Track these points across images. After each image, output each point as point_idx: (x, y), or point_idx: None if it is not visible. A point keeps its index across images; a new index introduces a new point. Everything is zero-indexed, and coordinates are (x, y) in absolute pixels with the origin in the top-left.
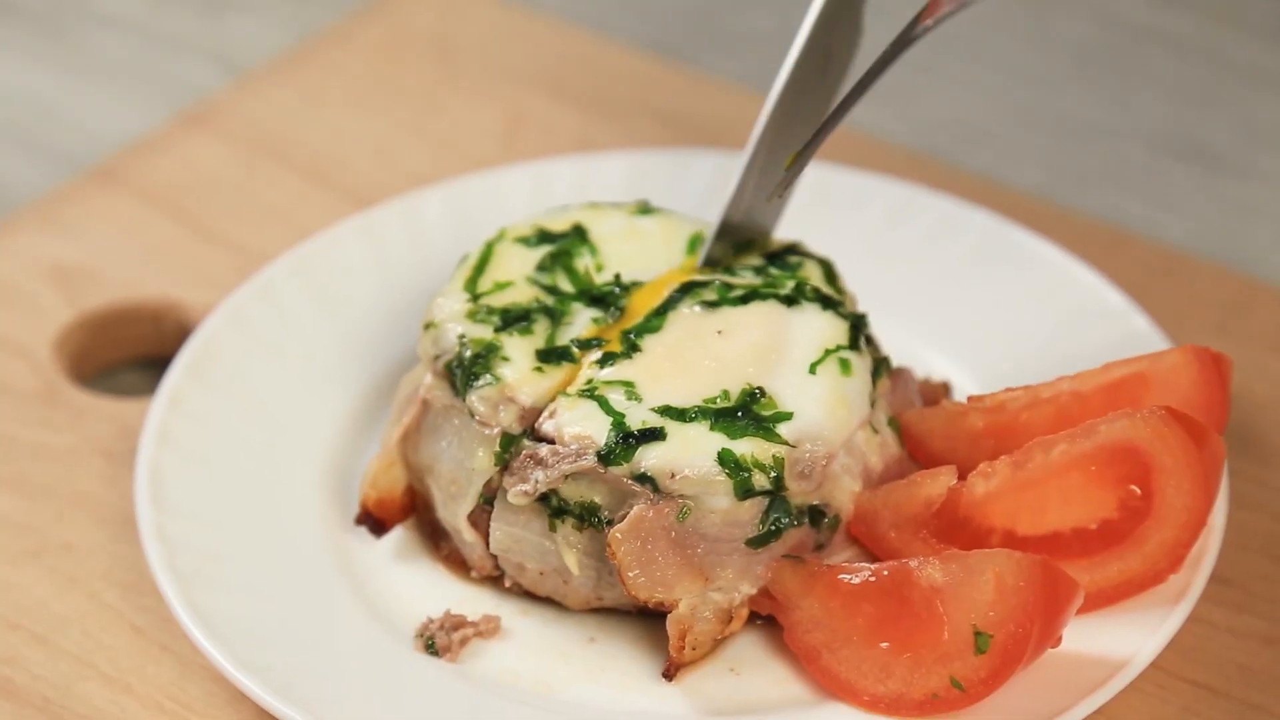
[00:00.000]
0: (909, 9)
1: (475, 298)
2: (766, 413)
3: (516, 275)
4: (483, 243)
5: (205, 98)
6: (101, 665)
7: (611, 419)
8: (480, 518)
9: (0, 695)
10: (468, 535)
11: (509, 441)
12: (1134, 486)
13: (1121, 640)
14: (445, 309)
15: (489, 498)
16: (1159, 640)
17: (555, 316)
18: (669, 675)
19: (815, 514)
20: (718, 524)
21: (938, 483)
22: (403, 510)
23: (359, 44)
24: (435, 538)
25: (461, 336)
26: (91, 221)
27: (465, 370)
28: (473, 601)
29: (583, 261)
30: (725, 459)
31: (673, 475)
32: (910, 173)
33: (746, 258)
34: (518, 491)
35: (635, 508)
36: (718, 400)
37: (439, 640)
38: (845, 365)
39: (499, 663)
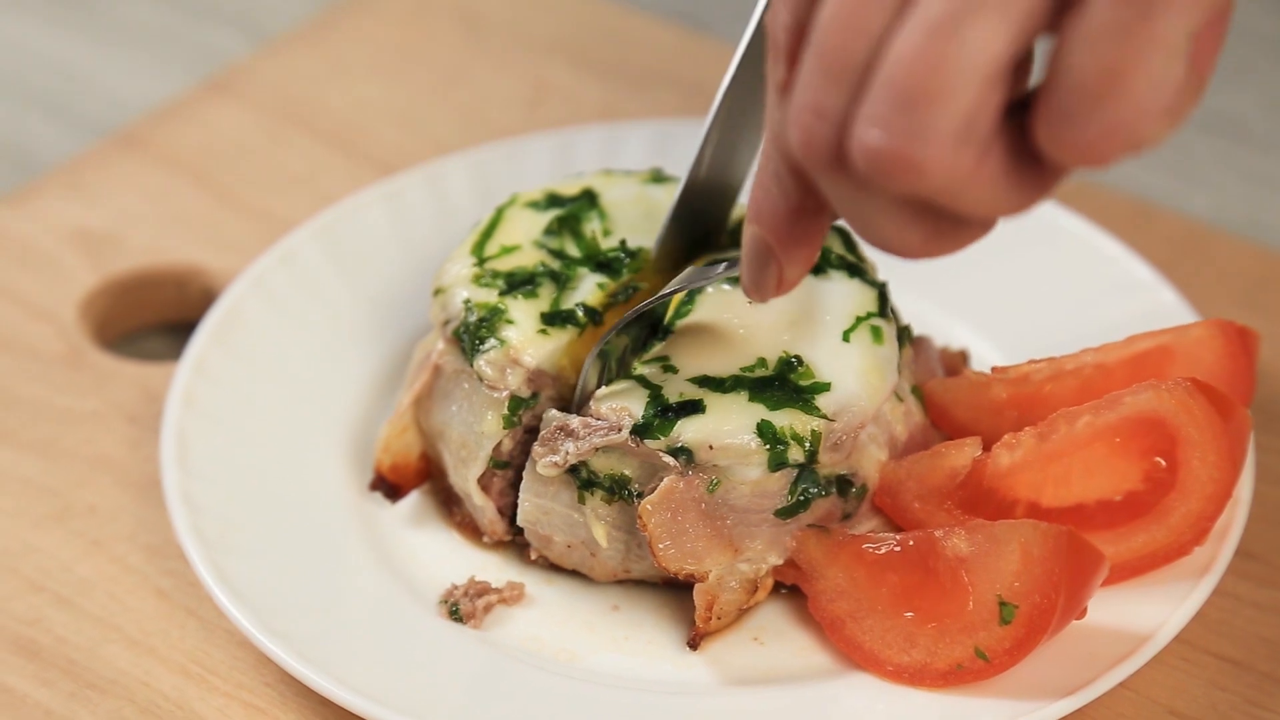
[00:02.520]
0: None
1: (482, 262)
2: (805, 382)
3: (523, 239)
4: (494, 208)
5: (230, 64)
6: (126, 628)
7: (649, 392)
8: (490, 481)
9: (25, 656)
10: (477, 499)
11: (517, 404)
12: (1159, 458)
13: (1146, 613)
14: (452, 274)
15: (498, 462)
16: (1184, 613)
17: (560, 280)
18: (694, 644)
19: (843, 484)
20: (747, 495)
21: (963, 454)
22: (418, 475)
23: (384, 12)
24: (449, 504)
25: (467, 301)
26: (116, 187)
27: (472, 335)
28: (497, 568)
29: (590, 226)
30: (764, 431)
31: (710, 447)
32: None
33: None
34: (547, 463)
35: (666, 479)
36: (755, 369)
37: (463, 606)
38: (877, 333)
39: (522, 629)
